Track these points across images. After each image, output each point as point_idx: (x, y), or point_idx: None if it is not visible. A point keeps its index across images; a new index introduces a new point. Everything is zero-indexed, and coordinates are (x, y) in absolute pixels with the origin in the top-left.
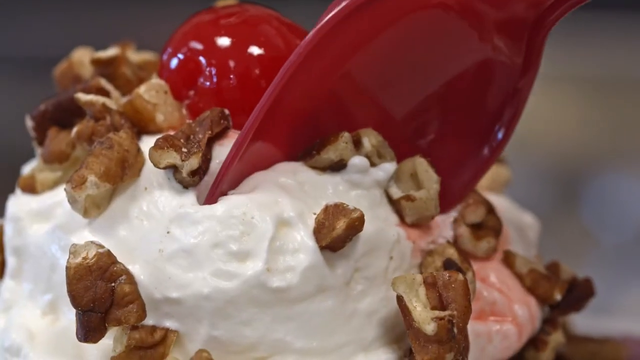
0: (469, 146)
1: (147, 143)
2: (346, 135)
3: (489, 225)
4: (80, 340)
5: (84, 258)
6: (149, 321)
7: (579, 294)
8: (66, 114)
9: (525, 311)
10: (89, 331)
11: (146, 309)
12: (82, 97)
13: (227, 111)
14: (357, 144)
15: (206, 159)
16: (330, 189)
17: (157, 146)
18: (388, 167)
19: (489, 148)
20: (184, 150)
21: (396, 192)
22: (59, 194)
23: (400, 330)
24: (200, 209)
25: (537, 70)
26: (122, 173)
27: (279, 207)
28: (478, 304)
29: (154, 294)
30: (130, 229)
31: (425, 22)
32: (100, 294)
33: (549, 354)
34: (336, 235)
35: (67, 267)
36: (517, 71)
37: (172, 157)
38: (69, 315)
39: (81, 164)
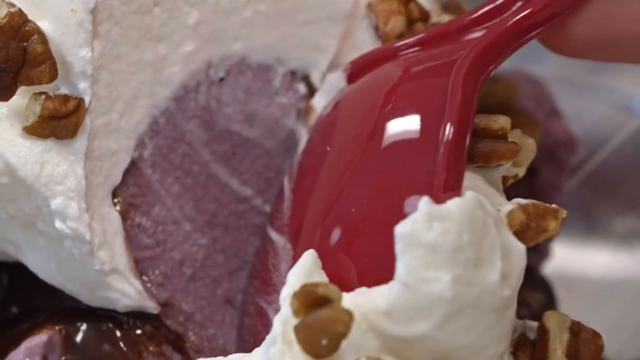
0: None
1: None
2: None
3: (414, 19)
4: None
5: None
6: (62, 90)
7: None
8: None
9: None
10: (1, 90)
11: (58, 70)
12: None
13: None
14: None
15: None
16: (480, 182)
17: None
18: None
19: None
20: None
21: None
22: None
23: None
24: (431, 206)
25: None
26: None
27: (488, 207)
28: None
29: (66, 55)
30: None
31: None
32: (12, 54)
33: None
34: (548, 236)
35: None
36: None
37: None
38: None
39: None
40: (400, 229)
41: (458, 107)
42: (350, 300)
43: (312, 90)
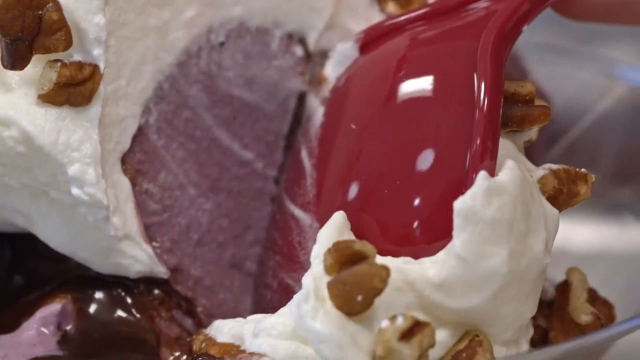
0: None
1: None
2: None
3: None
4: (6, 67)
5: None
6: (75, 57)
7: None
8: None
9: None
10: (17, 59)
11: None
12: None
13: None
14: None
15: None
16: (511, 147)
17: None
18: None
19: None
20: None
21: None
22: None
23: None
24: (490, 181)
25: None
26: None
27: (527, 175)
28: None
29: (80, 22)
30: None
31: None
32: (28, 23)
33: None
34: (580, 200)
35: None
36: None
37: None
38: None
39: None
40: (460, 205)
41: (492, 74)
42: (395, 267)
43: (308, 53)
